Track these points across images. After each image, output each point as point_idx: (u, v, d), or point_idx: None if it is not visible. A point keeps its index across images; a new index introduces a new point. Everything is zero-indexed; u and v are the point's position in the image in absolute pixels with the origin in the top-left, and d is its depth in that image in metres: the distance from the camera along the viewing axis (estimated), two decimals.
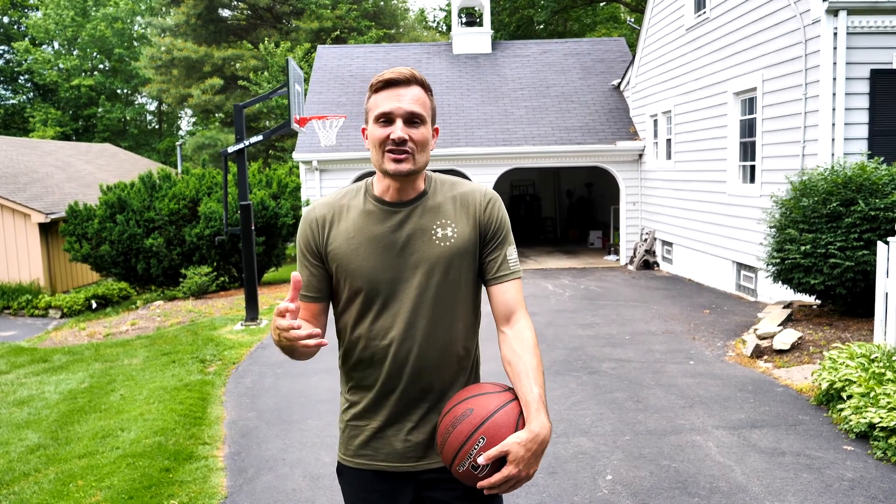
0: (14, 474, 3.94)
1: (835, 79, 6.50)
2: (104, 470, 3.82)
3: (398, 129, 1.48)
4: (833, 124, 6.56)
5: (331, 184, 12.33)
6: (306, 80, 17.25)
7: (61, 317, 12.13)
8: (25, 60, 30.59)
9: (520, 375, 1.46)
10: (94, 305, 12.43)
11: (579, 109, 12.97)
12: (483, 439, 1.39)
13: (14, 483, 3.82)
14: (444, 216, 1.56)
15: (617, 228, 13.22)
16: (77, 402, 5.31)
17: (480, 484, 1.39)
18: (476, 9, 15.66)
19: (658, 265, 11.48)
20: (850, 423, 3.87)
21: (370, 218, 1.56)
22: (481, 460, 1.37)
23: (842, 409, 4.04)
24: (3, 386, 6.10)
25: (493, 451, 1.36)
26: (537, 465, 1.40)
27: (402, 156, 1.49)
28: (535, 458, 1.38)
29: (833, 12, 6.43)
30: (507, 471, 1.36)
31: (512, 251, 1.60)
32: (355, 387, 1.63)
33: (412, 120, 1.50)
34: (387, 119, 1.49)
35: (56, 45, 32.00)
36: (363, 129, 1.58)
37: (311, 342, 1.39)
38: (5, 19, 32.07)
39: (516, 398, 1.45)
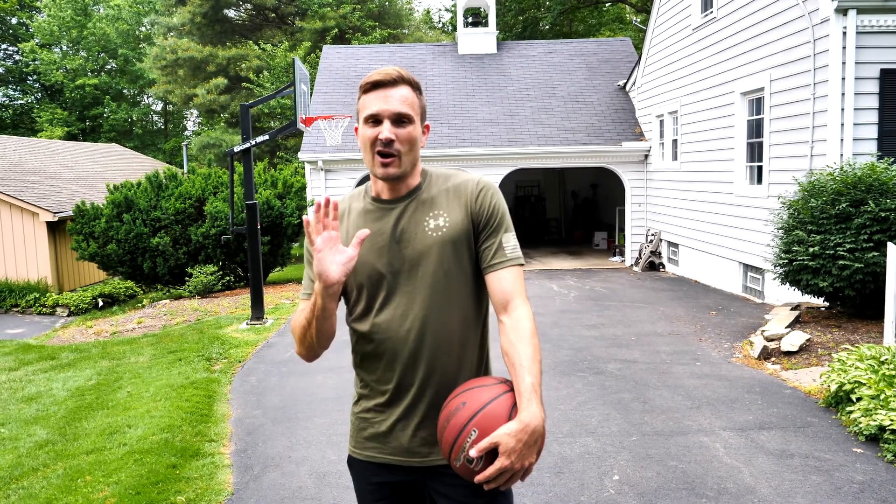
0: (23, 469, 3.96)
1: (844, 78, 6.46)
2: (112, 466, 3.83)
3: (385, 130, 1.51)
4: (842, 124, 6.52)
5: (336, 184, 12.35)
6: (311, 81, 17.27)
7: (68, 315, 12.20)
8: (33, 61, 30.76)
9: (514, 365, 1.45)
10: (101, 304, 12.48)
11: (585, 110, 12.95)
12: (475, 431, 1.38)
13: (23, 478, 3.83)
14: (437, 207, 1.58)
15: (622, 229, 13.19)
16: (84, 399, 5.33)
17: (477, 479, 1.37)
18: (481, 9, 15.66)
19: (664, 266, 11.44)
20: (860, 426, 3.85)
21: (368, 217, 1.61)
22: (473, 453, 1.35)
23: (851, 412, 4.01)
24: (12, 382, 6.13)
25: (484, 443, 1.35)
26: (533, 456, 1.37)
27: (389, 159, 1.53)
28: (527, 449, 1.35)
29: (842, 11, 6.40)
30: (499, 462, 1.34)
31: (509, 238, 1.58)
32: (363, 381, 1.65)
33: (399, 120, 1.53)
34: (375, 120, 1.53)
35: (63, 45, 32.15)
36: (356, 129, 1.61)
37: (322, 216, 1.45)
38: (13, 20, 32.25)
39: (512, 389, 1.44)
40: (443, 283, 1.55)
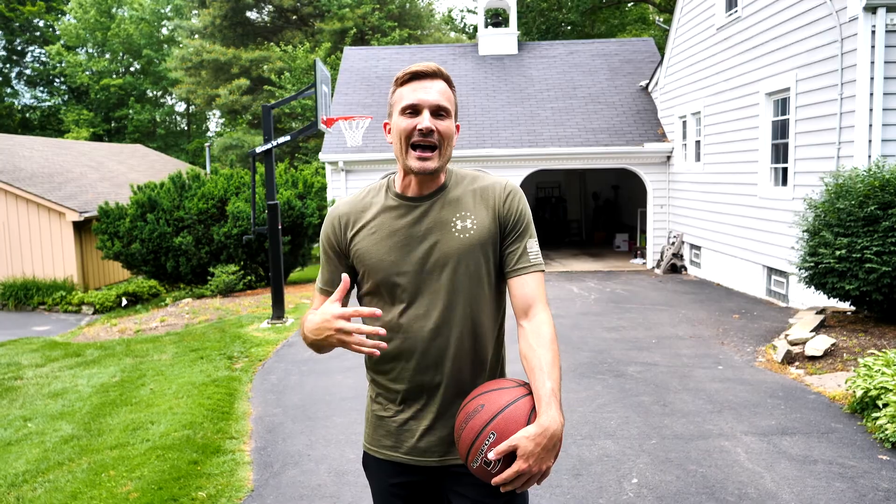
0: (49, 463, 4.04)
1: (872, 78, 6.32)
2: (135, 461, 3.90)
3: (426, 120, 1.48)
4: (870, 125, 6.39)
5: (356, 184, 12.42)
6: (332, 82, 17.38)
7: (93, 313, 12.44)
8: (59, 63, 31.42)
9: (534, 370, 1.44)
10: (125, 302, 12.70)
11: (606, 110, 12.85)
12: (493, 434, 1.38)
13: (49, 471, 3.92)
14: (464, 209, 1.56)
15: (644, 231, 13.06)
16: (109, 396, 5.43)
17: (494, 480, 1.38)
18: (502, 10, 15.63)
19: (686, 269, 11.31)
20: (886, 432, 3.76)
21: (391, 213, 1.57)
22: (491, 455, 1.36)
23: (877, 418, 3.92)
24: (39, 378, 6.27)
25: (502, 446, 1.35)
26: (551, 460, 1.37)
27: (429, 153, 1.49)
28: (546, 453, 1.35)
29: (871, 9, 6.27)
30: (517, 466, 1.35)
31: (533, 244, 1.58)
32: (380, 380, 1.64)
33: (438, 112, 1.50)
34: (414, 110, 1.50)
35: (88, 48, 32.78)
36: (385, 124, 1.58)
37: (369, 343, 1.42)
38: (41, 23, 32.98)
39: (531, 393, 1.44)
40: (466, 285, 1.54)
